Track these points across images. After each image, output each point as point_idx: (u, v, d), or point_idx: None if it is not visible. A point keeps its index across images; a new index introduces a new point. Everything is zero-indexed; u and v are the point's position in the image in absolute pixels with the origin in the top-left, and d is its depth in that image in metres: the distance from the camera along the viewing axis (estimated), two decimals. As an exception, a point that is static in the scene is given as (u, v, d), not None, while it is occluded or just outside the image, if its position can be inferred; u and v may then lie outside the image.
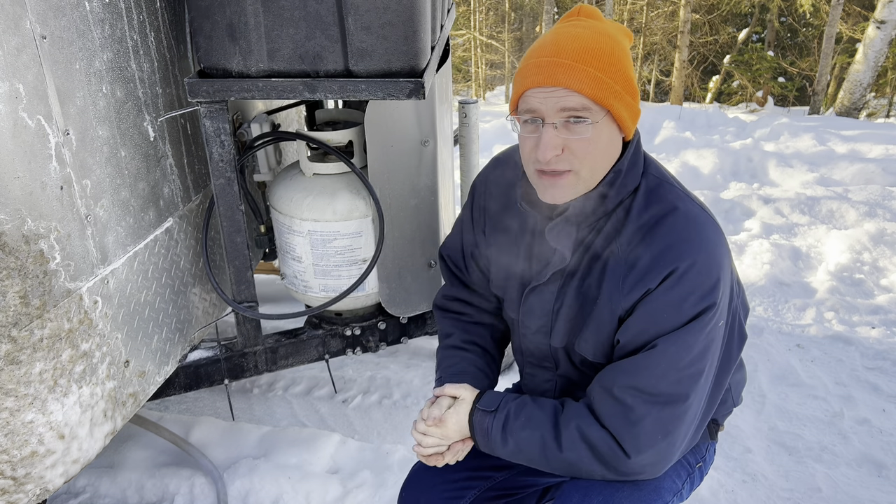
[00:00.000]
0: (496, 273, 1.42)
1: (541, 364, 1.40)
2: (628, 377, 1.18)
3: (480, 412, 1.32)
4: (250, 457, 2.22)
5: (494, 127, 6.32)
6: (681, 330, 1.15)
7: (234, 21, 1.62)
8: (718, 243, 1.18)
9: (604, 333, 1.24)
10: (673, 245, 1.15)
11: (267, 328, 2.40)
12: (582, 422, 1.22)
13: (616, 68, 1.13)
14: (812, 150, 5.83)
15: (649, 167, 1.25)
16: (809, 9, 10.99)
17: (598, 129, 1.14)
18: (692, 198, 1.24)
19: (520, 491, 1.53)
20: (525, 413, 1.28)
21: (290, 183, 2.08)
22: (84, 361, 1.53)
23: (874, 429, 2.44)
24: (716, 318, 1.17)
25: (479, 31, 14.99)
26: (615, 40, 1.16)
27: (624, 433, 1.19)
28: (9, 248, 1.31)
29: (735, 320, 1.29)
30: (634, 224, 1.20)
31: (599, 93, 1.11)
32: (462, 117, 2.37)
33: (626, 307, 1.19)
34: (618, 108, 1.14)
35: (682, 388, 1.17)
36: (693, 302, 1.14)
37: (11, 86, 1.28)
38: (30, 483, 1.46)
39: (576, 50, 1.12)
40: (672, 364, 1.16)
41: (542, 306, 1.31)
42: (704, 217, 1.20)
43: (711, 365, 1.21)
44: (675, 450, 1.22)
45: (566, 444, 1.22)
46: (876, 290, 3.42)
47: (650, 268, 1.15)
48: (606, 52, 1.13)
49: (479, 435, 1.31)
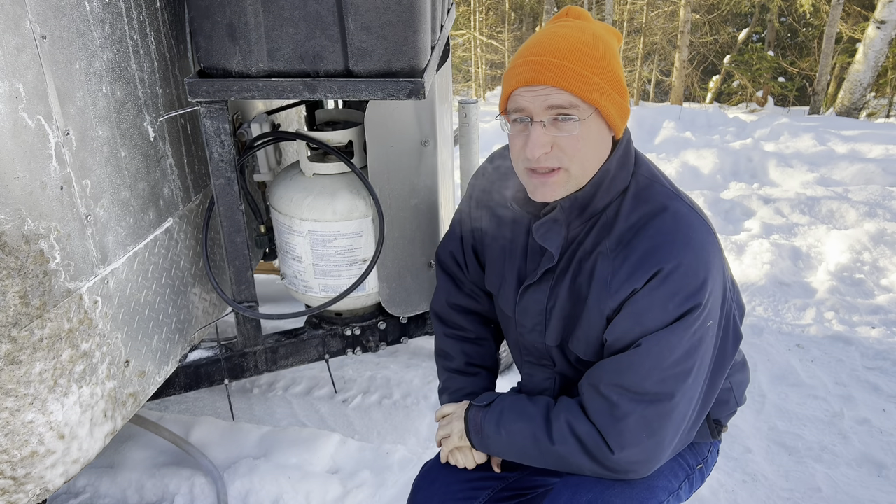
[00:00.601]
0: (490, 269, 1.44)
1: (539, 362, 1.41)
2: (614, 375, 1.20)
3: (475, 408, 1.37)
4: (250, 457, 2.22)
5: (494, 127, 6.32)
6: (665, 330, 1.16)
7: (234, 21, 1.62)
8: (707, 243, 1.18)
9: (594, 333, 1.25)
10: (659, 245, 1.16)
11: (267, 328, 2.40)
12: (571, 415, 1.25)
13: (603, 66, 1.14)
14: (812, 150, 5.83)
15: (640, 167, 1.26)
16: (809, 9, 10.99)
17: (587, 126, 1.15)
18: (682, 197, 1.24)
19: (532, 491, 1.53)
20: (518, 407, 1.31)
21: (290, 183, 2.08)
22: (84, 361, 1.53)
23: (874, 429, 2.44)
24: (703, 319, 1.17)
25: (479, 31, 14.99)
26: (602, 40, 1.17)
27: (608, 429, 1.20)
28: (9, 247, 1.31)
29: (729, 320, 1.29)
30: (623, 224, 1.21)
31: (586, 90, 1.12)
32: (462, 117, 2.37)
33: (614, 307, 1.20)
34: (605, 106, 1.15)
35: (667, 388, 1.18)
36: (678, 302, 1.15)
37: (11, 86, 1.28)
38: (30, 483, 1.46)
39: (563, 49, 1.13)
40: (656, 363, 1.17)
41: (536, 305, 1.33)
42: (693, 217, 1.20)
43: (701, 365, 1.21)
44: (663, 449, 1.23)
45: (556, 436, 1.25)
46: (876, 290, 3.42)
47: (636, 268, 1.16)
48: (593, 51, 1.14)
49: (474, 432, 1.35)
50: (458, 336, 1.55)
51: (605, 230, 1.22)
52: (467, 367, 1.52)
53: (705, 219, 1.23)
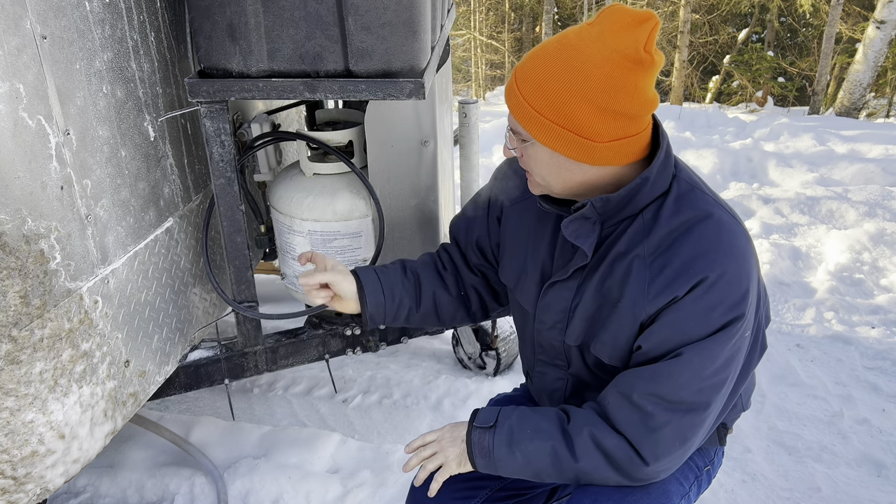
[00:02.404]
0: (509, 263, 1.41)
1: (552, 362, 1.38)
2: (649, 384, 1.16)
3: (479, 430, 1.27)
4: (250, 456, 2.23)
5: (494, 127, 6.32)
6: (707, 340, 1.13)
7: (235, 21, 1.62)
8: (749, 253, 1.17)
9: (623, 337, 1.21)
10: (704, 253, 1.13)
11: (267, 328, 2.40)
12: (595, 429, 1.20)
13: (550, 101, 1.10)
14: (812, 150, 5.83)
15: (680, 172, 1.23)
16: (809, 9, 10.99)
17: (535, 149, 1.18)
18: (724, 205, 1.21)
19: (529, 491, 1.52)
20: (530, 424, 1.25)
21: (290, 183, 2.08)
22: (84, 361, 1.53)
23: (874, 428, 2.45)
24: (743, 329, 1.15)
25: (479, 31, 15.00)
26: (578, 68, 1.08)
27: (643, 440, 1.17)
28: (9, 247, 1.31)
29: (759, 330, 1.27)
30: (664, 228, 1.17)
31: (524, 121, 1.15)
32: (462, 117, 2.37)
33: (650, 313, 1.16)
34: (544, 139, 1.14)
35: (704, 397, 1.16)
36: (722, 312, 1.12)
37: (12, 86, 1.28)
38: (30, 483, 1.46)
39: (526, 70, 1.14)
40: (696, 374, 1.14)
41: (561, 303, 1.29)
42: (736, 226, 1.18)
43: (734, 374, 1.20)
44: (688, 455, 1.22)
45: (580, 452, 1.20)
46: (876, 290, 3.43)
47: (679, 274, 1.13)
48: (548, 82, 1.10)
49: (480, 455, 1.26)
50: (429, 256, 1.56)
51: (643, 233, 1.19)
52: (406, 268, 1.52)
53: (745, 227, 1.21)
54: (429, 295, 1.51)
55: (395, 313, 1.48)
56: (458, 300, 1.54)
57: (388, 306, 1.47)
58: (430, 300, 1.51)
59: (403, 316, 1.50)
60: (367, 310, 1.45)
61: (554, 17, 12.72)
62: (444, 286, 1.53)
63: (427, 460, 1.31)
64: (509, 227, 1.42)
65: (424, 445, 1.33)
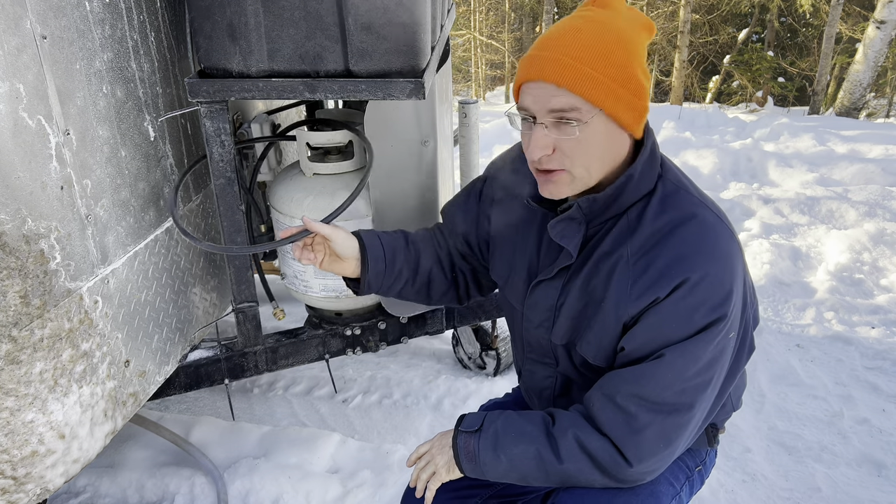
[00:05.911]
0: (499, 260, 1.41)
1: (541, 360, 1.39)
2: (632, 385, 1.16)
3: (464, 435, 1.27)
4: (250, 456, 2.23)
5: (494, 127, 6.33)
6: (689, 341, 1.13)
7: (234, 21, 1.62)
8: (732, 254, 1.16)
9: (607, 337, 1.21)
10: (687, 254, 1.13)
11: (267, 328, 2.40)
12: (579, 431, 1.20)
13: (612, 63, 1.09)
14: (812, 150, 5.83)
15: (667, 171, 1.23)
16: (809, 9, 10.99)
17: (590, 128, 1.10)
18: (709, 205, 1.21)
19: (520, 497, 1.52)
20: (515, 427, 1.25)
21: (290, 183, 2.08)
22: (84, 361, 1.53)
23: (874, 428, 2.45)
24: (726, 330, 1.15)
25: (479, 31, 15.00)
26: (619, 34, 1.11)
27: (626, 441, 1.17)
28: (9, 247, 1.31)
29: (746, 331, 1.26)
30: (649, 228, 1.17)
31: (587, 89, 1.08)
32: (462, 117, 2.37)
33: (633, 313, 1.16)
34: (612, 106, 1.10)
35: (687, 398, 1.16)
36: (704, 313, 1.12)
37: (12, 86, 1.28)
38: (30, 483, 1.46)
39: (569, 44, 1.09)
40: (678, 375, 1.14)
41: (546, 301, 1.30)
42: (719, 226, 1.17)
43: (720, 375, 1.20)
44: (674, 456, 1.22)
45: (565, 454, 1.19)
46: (876, 290, 3.43)
47: (661, 275, 1.13)
48: (603, 47, 1.09)
49: (466, 459, 1.26)
50: (425, 230, 1.55)
51: (627, 233, 1.19)
52: (407, 237, 1.50)
53: (730, 227, 1.20)
54: (425, 271, 1.50)
55: (392, 283, 1.46)
56: (450, 281, 1.54)
57: (387, 275, 1.44)
58: (425, 276, 1.50)
59: (398, 288, 1.48)
60: (367, 275, 1.41)
61: (554, 17, 12.72)
62: (440, 265, 1.52)
63: (421, 470, 1.32)
64: (499, 224, 1.41)
65: (419, 457, 1.34)
